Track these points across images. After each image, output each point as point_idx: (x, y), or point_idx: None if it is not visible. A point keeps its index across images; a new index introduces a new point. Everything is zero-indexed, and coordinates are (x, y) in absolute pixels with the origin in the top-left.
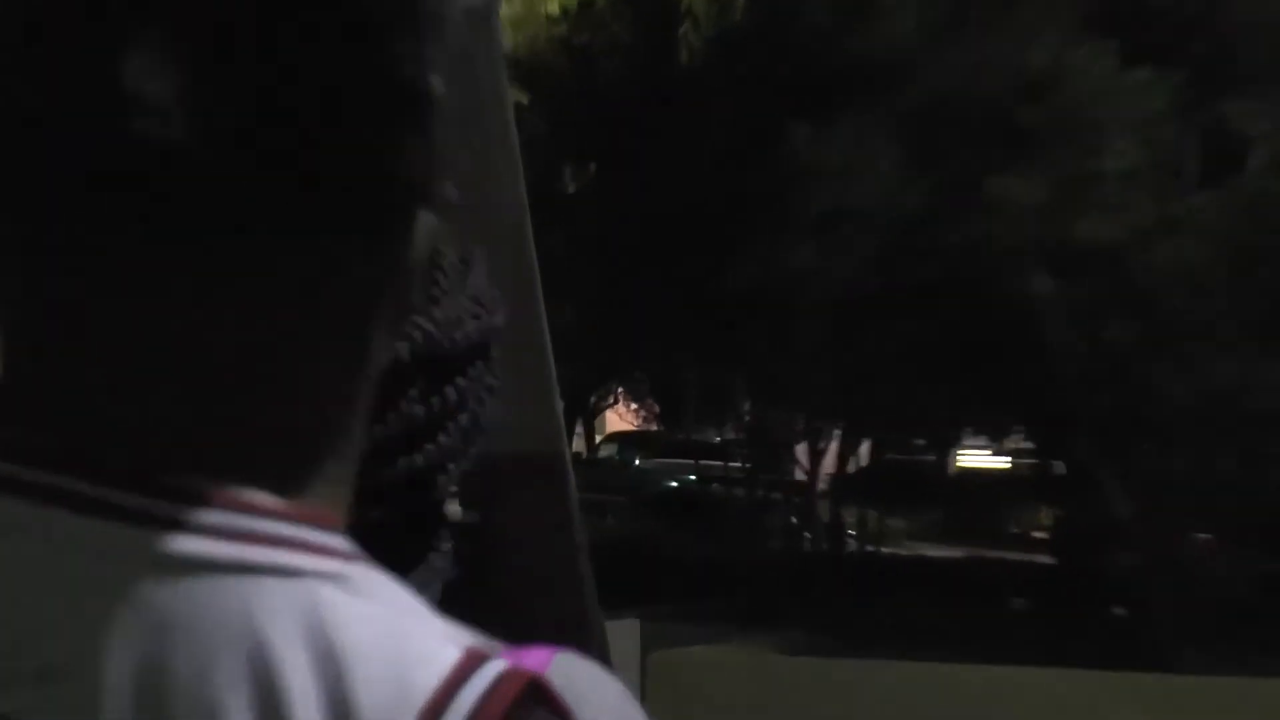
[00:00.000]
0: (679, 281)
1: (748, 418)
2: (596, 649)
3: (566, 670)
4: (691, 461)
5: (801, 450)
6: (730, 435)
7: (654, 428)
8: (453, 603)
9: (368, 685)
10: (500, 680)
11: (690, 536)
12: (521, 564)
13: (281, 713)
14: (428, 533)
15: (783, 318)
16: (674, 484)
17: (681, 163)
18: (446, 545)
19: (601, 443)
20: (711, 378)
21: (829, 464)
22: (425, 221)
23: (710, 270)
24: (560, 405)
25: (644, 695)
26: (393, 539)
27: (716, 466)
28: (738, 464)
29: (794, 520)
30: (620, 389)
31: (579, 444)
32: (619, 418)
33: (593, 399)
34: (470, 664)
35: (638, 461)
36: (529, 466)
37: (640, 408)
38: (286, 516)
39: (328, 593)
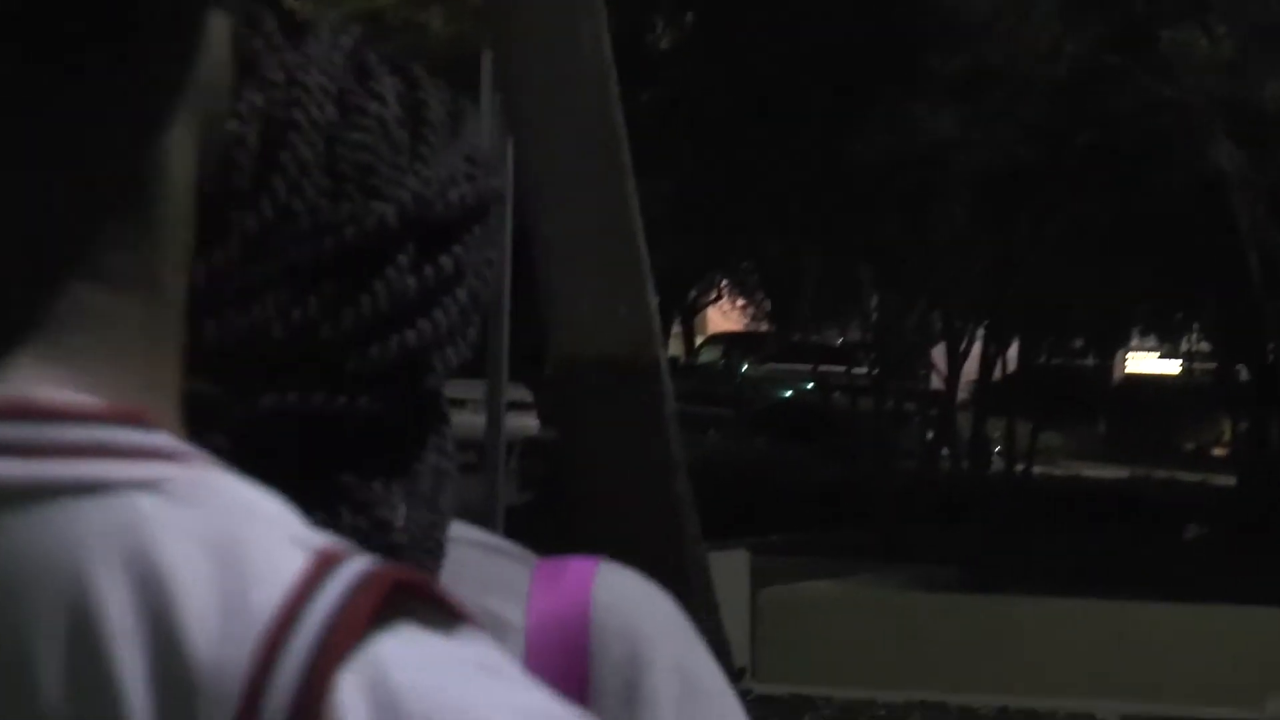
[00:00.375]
0: (795, 153)
1: (875, 315)
2: (697, 585)
3: (613, 583)
4: (808, 368)
5: (939, 353)
6: (855, 336)
7: (764, 328)
8: (524, 531)
9: (197, 615)
10: (357, 587)
11: (807, 456)
12: (607, 487)
13: (98, 658)
14: (426, 427)
15: (918, 195)
16: (788, 394)
17: (797, 10)
18: (450, 445)
19: (702, 345)
20: (833, 268)
21: (971, 370)
22: (217, 24)
23: (833, 140)
24: (654, 301)
25: (753, 635)
26: (383, 435)
27: (838, 373)
28: (863, 370)
29: (930, 436)
30: (724, 282)
31: (676, 347)
32: (723, 316)
33: (692, 294)
34: (319, 571)
35: (745, 368)
36: (617, 373)
37: (748, 304)
38: (85, 417)
39: (146, 505)
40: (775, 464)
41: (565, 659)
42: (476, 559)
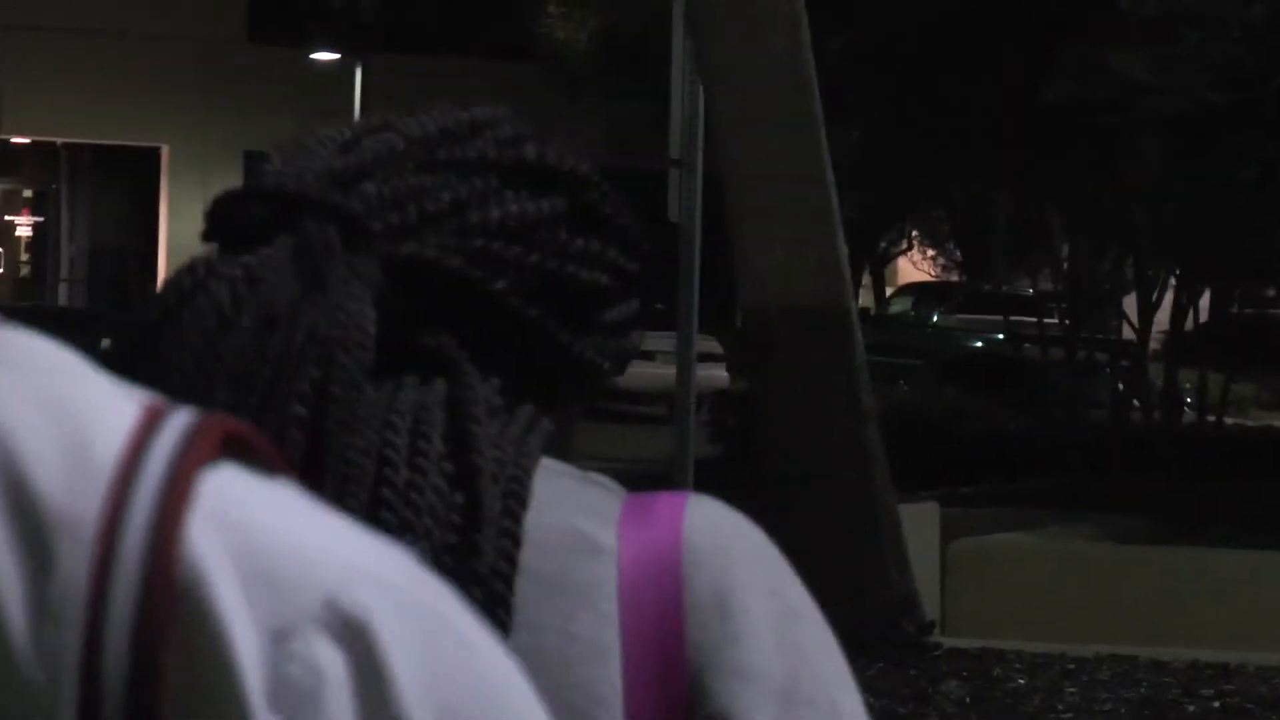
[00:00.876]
0: (985, 98)
1: (1067, 264)
2: (887, 537)
3: (705, 510)
4: (999, 318)
5: (1130, 303)
6: (1046, 286)
7: (955, 278)
8: (714, 483)
9: (39, 460)
10: (191, 434)
11: (998, 406)
12: (798, 438)
13: None
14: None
15: (1111, 141)
16: (979, 344)
17: None
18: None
19: (893, 296)
20: (1024, 216)
21: (1163, 319)
22: None
23: (1023, 84)
24: (844, 250)
25: (943, 588)
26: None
27: (1029, 324)
28: (1054, 320)
29: (1121, 387)
30: (915, 231)
31: (866, 297)
32: (913, 266)
33: (882, 243)
34: (151, 421)
35: (936, 318)
36: (807, 324)
37: (938, 254)
38: None
39: None
40: (965, 415)
41: (658, 577)
42: (571, 486)
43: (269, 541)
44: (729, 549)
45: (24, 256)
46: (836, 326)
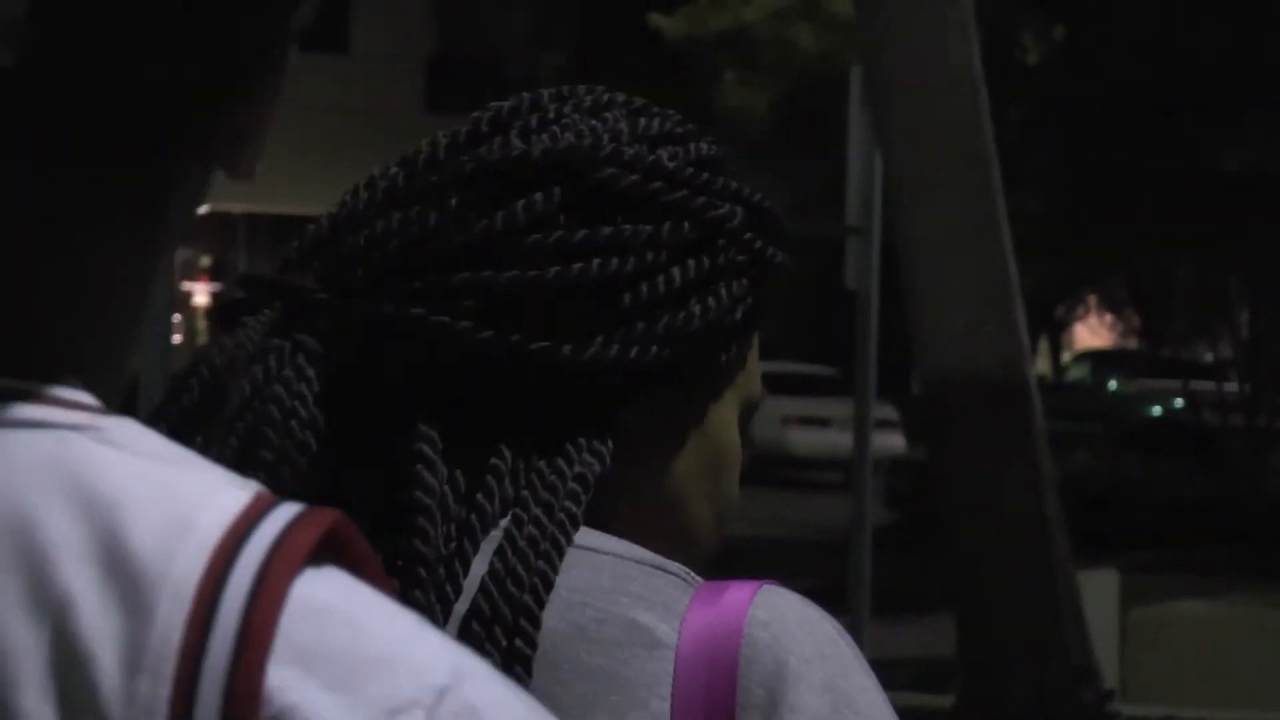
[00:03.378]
0: (1165, 165)
1: (1247, 330)
2: (1066, 605)
3: (771, 602)
4: (1179, 384)
5: None
6: (1225, 352)
7: (1133, 344)
8: (890, 550)
9: (142, 529)
10: (298, 523)
11: (1178, 473)
12: (975, 504)
13: (43, 565)
14: (533, 405)
15: None
16: (1158, 411)
17: (1169, 21)
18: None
19: (1071, 362)
20: (1204, 281)
21: None
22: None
23: (1205, 151)
24: (1023, 318)
25: (1122, 657)
26: (479, 394)
27: (1209, 390)
28: (1234, 386)
29: None
30: (1093, 297)
31: (1043, 364)
32: (1091, 332)
33: (1060, 310)
34: (260, 505)
35: (1114, 384)
36: (986, 391)
37: (1117, 319)
38: (19, 371)
39: (80, 443)
40: (1145, 482)
41: (714, 671)
42: (636, 574)
43: (373, 630)
44: (787, 643)
45: (201, 324)
46: (1015, 394)
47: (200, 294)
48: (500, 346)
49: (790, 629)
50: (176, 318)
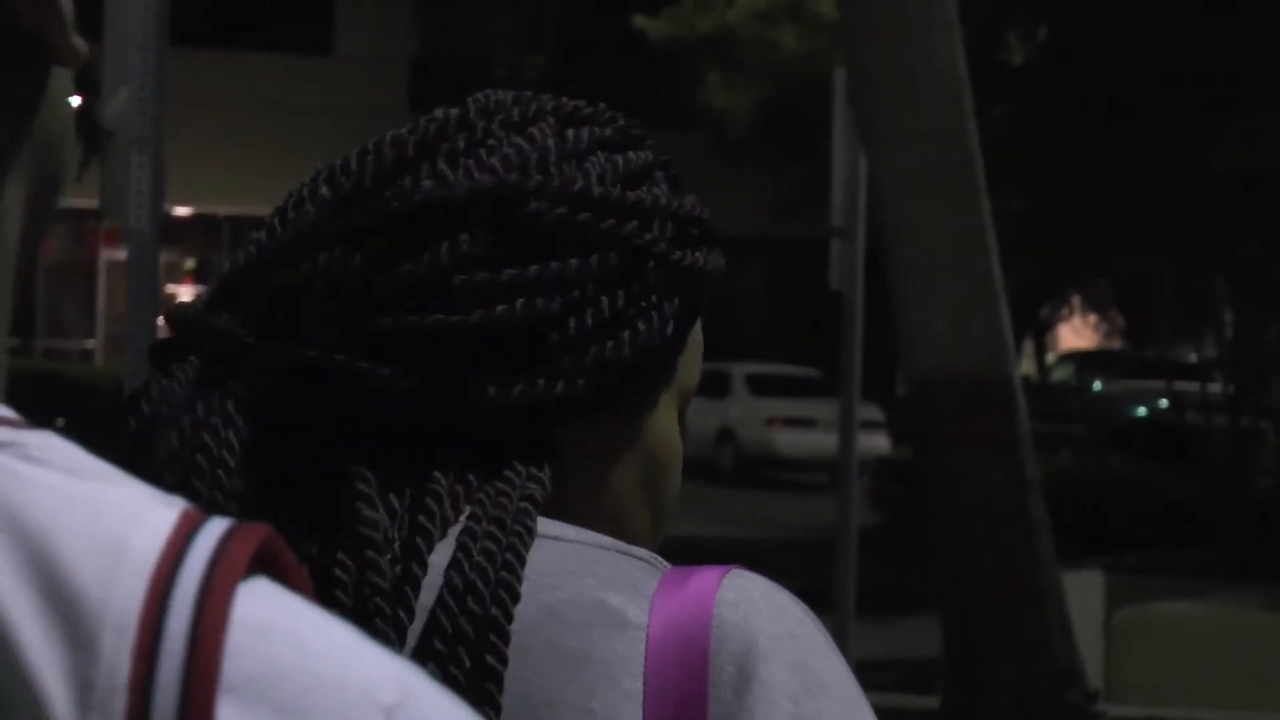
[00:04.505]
0: (1149, 165)
1: (1231, 330)
2: (1051, 606)
3: (739, 585)
4: (1163, 384)
5: None
6: (1210, 352)
7: (1117, 345)
8: (876, 551)
9: (76, 555)
10: (230, 539)
11: (1163, 474)
12: (960, 505)
13: None
14: (465, 442)
15: (1277, 207)
16: (1142, 411)
17: (1152, 22)
18: (523, 493)
19: (1055, 363)
20: (1189, 282)
21: None
22: (58, 81)
23: (1188, 151)
24: (1007, 319)
25: (1108, 657)
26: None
27: (1193, 390)
28: (1218, 387)
29: None
30: (1077, 298)
31: (1027, 364)
32: (1075, 333)
33: (1044, 310)
34: (189, 523)
35: (1098, 385)
36: (971, 392)
37: (1101, 320)
38: None
39: (5, 462)
40: (1130, 483)
41: (684, 652)
42: (604, 559)
43: (316, 648)
44: (757, 622)
45: None
46: (1000, 395)
47: (184, 296)
48: (422, 392)
49: (759, 609)
50: (161, 320)
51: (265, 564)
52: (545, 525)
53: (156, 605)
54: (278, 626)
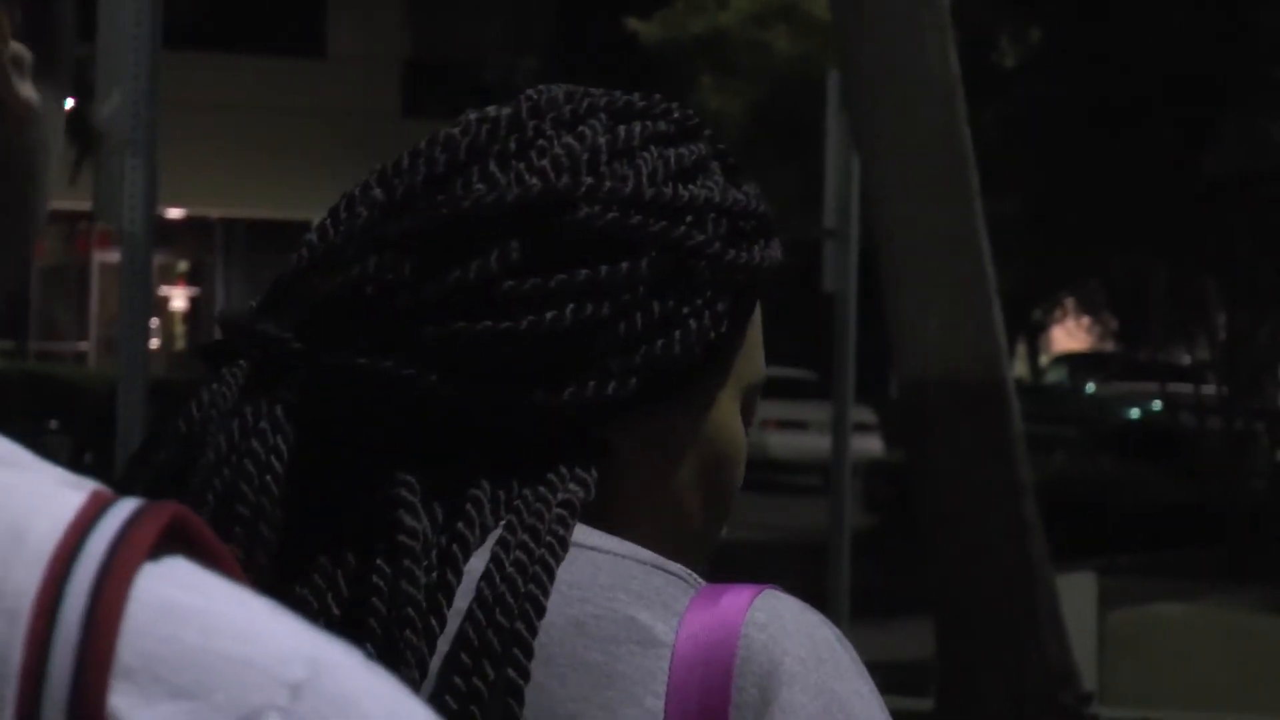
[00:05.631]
0: (1142, 168)
1: (1224, 333)
2: (1044, 608)
3: (769, 606)
4: (1156, 386)
5: None
6: (1203, 354)
7: (1110, 347)
8: (869, 553)
9: None
10: (136, 520)
11: (1156, 476)
12: (953, 508)
13: None
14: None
15: (1270, 210)
16: (1135, 413)
17: (1146, 24)
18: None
19: (1048, 365)
20: (1182, 284)
21: None
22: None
23: (1182, 154)
24: (1000, 321)
25: (1101, 659)
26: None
27: (1186, 392)
28: (1212, 389)
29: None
30: (1070, 300)
31: (1020, 366)
32: (1068, 335)
33: (1037, 313)
34: (96, 506)
35: (1091, 387)
36: (964, 394)
37: (1094, 322)
38: None
39: None
40: (1123, 484)
41: (708, 671)
42: (636, 572)
43: (222, 626)
44: (784, 643)
45: (179, 329)
46: (993, 397)
47: (177, 299)
48: (469, 399)
49: (788, 631)
50: (154, 323)
51: (185, 542)
52: (585, 534)
53: (53, 589)
54: (184, 606)
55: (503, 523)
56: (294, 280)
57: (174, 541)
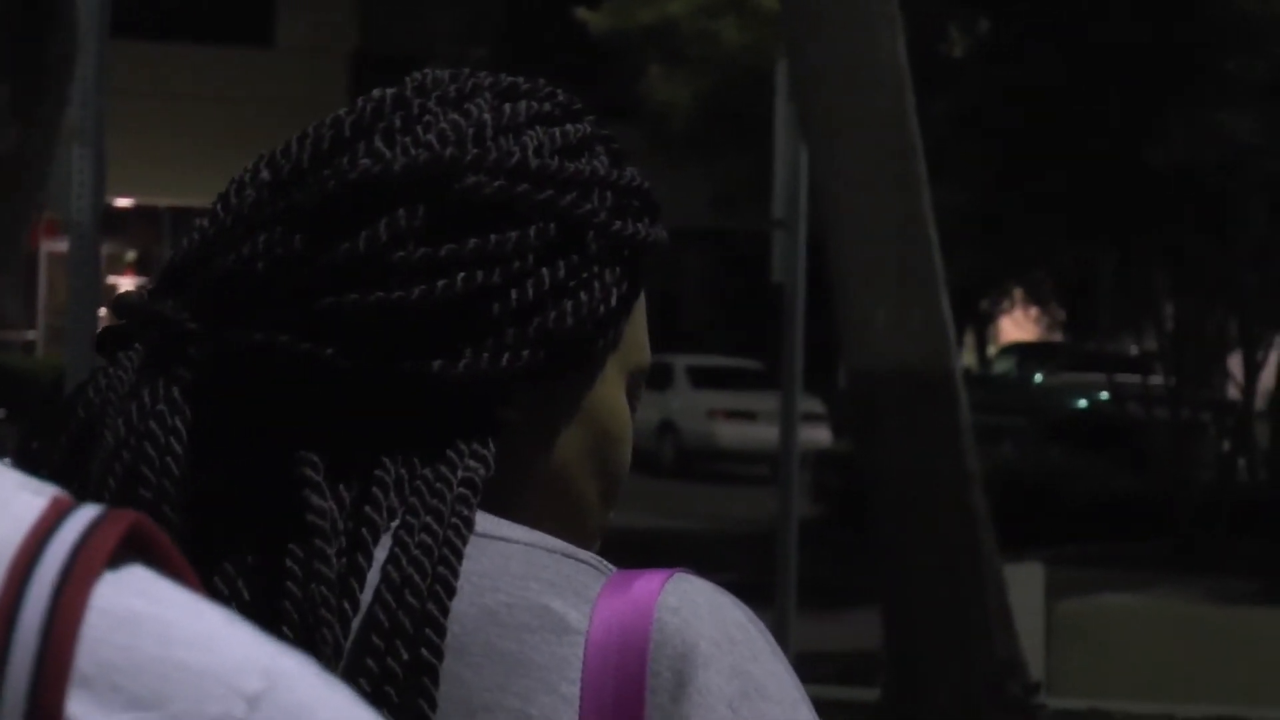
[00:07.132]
0: (1089, 159)
1: (1171, 323)
2: (992, 598)
3: (681, 589)
4: (1103, 377)
5: (1236, 362)
6: (1151, 345)
7: (1058, 337)
8: (817, 544)
9: None
10: (96, 528)
11: (1103, 466)
12: (901, 498)
13: None
14: (404, 422)
15: (1216, 201)
16: (1083, 404)
17: (1092, 15)
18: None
19: (996, 355)
20: (1128, 275)
21: (1269, 379)
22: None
23: (1128, 145)
24: (948, 311)
25: (1048, 650)
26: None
27: (1133, 383)
28: (1158, 380)
29: (1227, 447)
30: (1018, 290)
31: (968, 357)
32: (1016, 326)
33: (985, 303)
34: (57, 511)
35: (1039, 377)
36: (912, 385)
37: (1042, 313)
38: None
39: None
40: (1071, 475)
41: (623, 657)
42: (548, 562)
43: (179, 636)
44: (697, 627)
45: None
46: (941, 387)
47: (126, 288)
48: (366, 370)
49: (700, 614)
50: (102, 312)
51: (143, 550)
52: (493, 524)
53: (12, 595)
54: (142, 615)
55: (404, 506)
56: (186, 263)
57: (132, 549)
